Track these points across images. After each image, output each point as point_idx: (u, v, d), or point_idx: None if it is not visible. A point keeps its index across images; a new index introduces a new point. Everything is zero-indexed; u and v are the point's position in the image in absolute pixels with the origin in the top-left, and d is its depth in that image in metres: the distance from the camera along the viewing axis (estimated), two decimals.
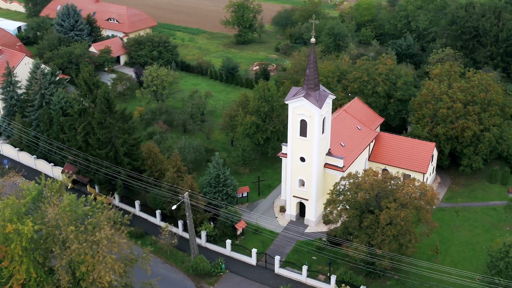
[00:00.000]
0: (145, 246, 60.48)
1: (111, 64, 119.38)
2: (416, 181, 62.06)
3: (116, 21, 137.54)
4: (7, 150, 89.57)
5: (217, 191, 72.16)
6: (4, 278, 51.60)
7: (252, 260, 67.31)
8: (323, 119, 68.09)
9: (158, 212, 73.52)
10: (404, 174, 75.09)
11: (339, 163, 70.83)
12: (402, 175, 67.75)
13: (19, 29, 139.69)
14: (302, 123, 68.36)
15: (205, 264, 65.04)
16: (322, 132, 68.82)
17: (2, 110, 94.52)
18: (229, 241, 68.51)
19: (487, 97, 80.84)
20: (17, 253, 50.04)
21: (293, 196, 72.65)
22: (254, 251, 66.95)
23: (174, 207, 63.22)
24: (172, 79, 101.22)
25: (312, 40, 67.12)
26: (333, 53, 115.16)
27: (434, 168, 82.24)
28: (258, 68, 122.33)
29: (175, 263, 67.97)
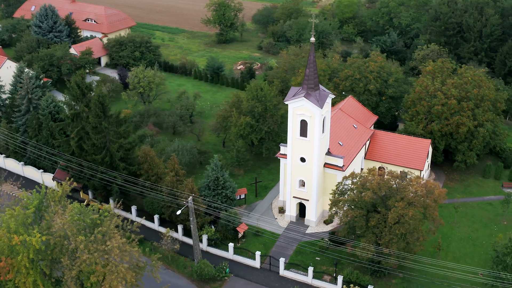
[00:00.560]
0: (152, 254, 58.90)
1: (92, 66, 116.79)
2: (421, 179, 62.01)
3: (94, 21, 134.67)
4: None
5: (216, 193, 70.98)
6: None
7: (256, 263, 66.38)
8: (323, 118, 67.60)
9: (156, 217, 72.03)
10: (401, 171, 75.04)
11: (339, 162, 70.40)
12: (400, 172, 67.72)
13: None
14: (302, 123, 67.67)
15: (209, 268, 63.88)
16: (322, 132, 68.34)
17: None
18: (231, 245, 67.53)
19: (480, 93, 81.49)
20: (23, 265, 48.38)
21: (293, 197, 71.95)
22: (258, 253, 66.04)
23: (179, 212, 61.87)
24: (160, 80, 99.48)
25: (312, 39, 66.36)
26: (318, 50, 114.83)
27: (429, 165, 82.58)
28: (243, 67, 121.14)
29: (177, 268, 66.63)
